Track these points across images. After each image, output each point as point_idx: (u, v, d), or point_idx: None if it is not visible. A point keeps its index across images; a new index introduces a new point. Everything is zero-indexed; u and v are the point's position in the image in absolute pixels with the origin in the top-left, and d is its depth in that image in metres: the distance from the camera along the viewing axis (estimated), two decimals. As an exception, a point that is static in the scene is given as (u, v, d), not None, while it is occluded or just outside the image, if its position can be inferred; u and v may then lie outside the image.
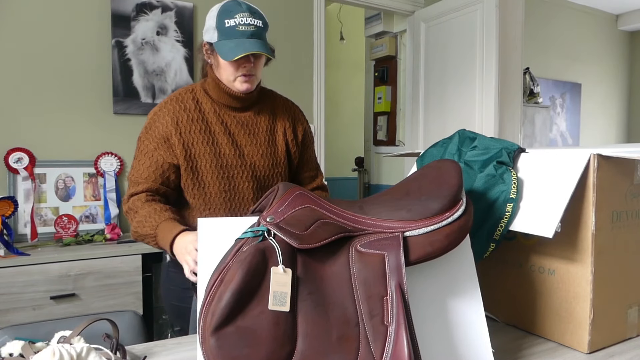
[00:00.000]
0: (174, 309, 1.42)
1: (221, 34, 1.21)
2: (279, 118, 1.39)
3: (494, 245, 0.93)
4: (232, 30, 1.19)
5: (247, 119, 1.34)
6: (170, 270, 1.41)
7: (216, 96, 1.31)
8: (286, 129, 1.39)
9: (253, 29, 1.20)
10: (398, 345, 0.62)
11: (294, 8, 3.07)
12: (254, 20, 1.21)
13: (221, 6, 1.23)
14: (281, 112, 1.40)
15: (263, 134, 1.35)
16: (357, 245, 0.71)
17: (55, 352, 0.69)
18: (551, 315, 0.94)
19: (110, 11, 2.47)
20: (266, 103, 1.39)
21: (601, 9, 5.16)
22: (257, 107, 1.36)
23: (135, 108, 2.55)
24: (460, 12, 3.14)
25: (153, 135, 1.28)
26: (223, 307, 0.63)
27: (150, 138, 1.28)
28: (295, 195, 0.77)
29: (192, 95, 1.32)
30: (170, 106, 1.29)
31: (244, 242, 0.70)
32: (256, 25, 1.21)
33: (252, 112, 1.35)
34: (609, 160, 0.88)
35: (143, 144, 1.30)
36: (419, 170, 0.90)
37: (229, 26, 1.20)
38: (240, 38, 1.19)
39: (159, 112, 1.30)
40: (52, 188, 2.35)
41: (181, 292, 1.37)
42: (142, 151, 1.29)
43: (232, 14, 1.20)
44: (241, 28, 1.19)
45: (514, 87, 3.04)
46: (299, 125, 1.43)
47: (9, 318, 1.85)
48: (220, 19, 1.21)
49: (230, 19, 1.20)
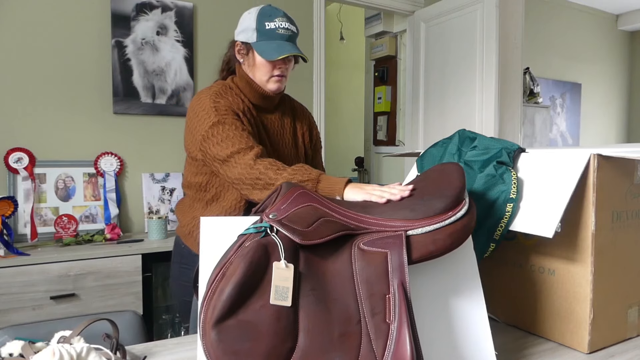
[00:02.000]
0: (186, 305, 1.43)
1: (261, 35, 1.29)
2: (298, 121, 1.48)
3: (494, 245, 0.93)
4: (273, 32, 1.28)
5: (274, 120, 1.41)
6: (182, 266, 1.42)
7: (249, 95, 1.36)
8: (304, 132, 1.49)
9: (290, 34, 1.30)
10: (400, 343, 0.62)
11: (294, 8, 3.07)
12: (291, 26, 1.32)
13: (260, 9, 1.31)
14: (299, 116, 1.50)
15: (288, 136, 1.43)
16: (360, 244, 0.71)
17: (55, 352, 0.69)
18: (551, 315, 0.94)
19: (110, 11, 2.47)
20: (287, 107, 1.47)
21: (601, 9, 5.16)
22: (280, 110, 1.44)
23: (135, 108, 2.55)
24: (460, 12, 3.14)
25: (229, 115, 1.24)
26: (224, 300, 0.63)
27: (229, 117, 1.23)
28: (298, 193, 0.77)
29: (234, 92, 1.35)
30: (225, 97, 1.29)
31: (246, 238, 0.70)
32: (292, 30, 1.32)
33: (278, 114, 1.43)
34: (609, 160, 0.88)
35: (225, 124, 1.22)
36: (421, 174, 0.90)
37: (270, 28, 1.28)
38: (280, 40, 1.29)
39: (218, 99, 1.27)
40: (52, 188, 2.35)
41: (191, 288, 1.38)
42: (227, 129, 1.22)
43: (271, 18, 1.29)
44: (281, 31, 1.29)
45: (514, 87, 3.04)
46: (314, 129, 1.54)
47: (9, 318, 1.85)
48: (260, 21, 1.29)
49: (270, 22, 1.29)
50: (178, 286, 1.46)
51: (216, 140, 1.22)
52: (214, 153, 1.23)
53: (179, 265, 1.44)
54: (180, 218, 1.45)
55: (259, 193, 1.16)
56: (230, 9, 2.83)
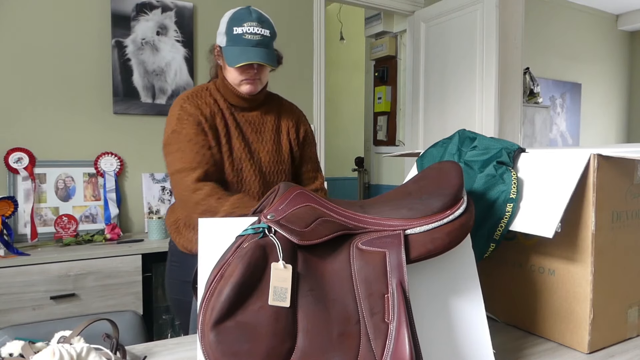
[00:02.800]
0: (175, 302, 1.47)
1: (229, 40, 1.29)
2: (284, 119, 1.47)
3: (494, 245, 0.93)
4: (239, 38, 1.27)
5: (254, 118, 1.41)
6: (172, 264, 1.44)
7: (227, 95, 1.38)
8: (290, 128, 1.47)
9: (259, 38, 1.28)
10: (399, 343, 0.62)
11: (294, 8, 3.07)
12: (262, 29, 1.28)
13: (233, 13, 1.31)
14: (286, 113, 1.48)
15: (269, 133, 1.42)
16: (358, 243, 0.71)
17: (55, 352, 0.69)
18: (551, 315, 0.94)
19: (110, 11, 2.47)
20: (272, 105, 1.47)
21: (601, 9, 5.16)
22: (264, 108, 1.44)
23: (135, 108, 2.55)
24: (460, 12, 3.14)
25: (189, 123, 1.31)
26: (223, 301, 0.63)
27: (187, 126, 1.31)
28: (296, 194, 0.77)
29: (209, 93, 1.39)
30: (193, 100, 1.35)
31: (244, 239, 0.70)
32: (263, 34, 1.28)
33: (260, 112, 1.43)
34: (609, 160, 0.88)
35: (181, 134, 1.30)
36: (419, 173, 0.90)
37: (237, 34, 1.27)
38: (246, 46, 1.27)
39: (184, 104, 1.34)
40: (52, 188, 2.35)
41: (181, 285, 1.41)
42: (181, 140, 1.30)
43: (241, 22, 1.27)
44: (248, 37, 1.27)
45: (514, 87, 3.04)
46: (302, 125, 1.51)
47: (9, 318, 1.85)
48: (229, 26, 1.29)
49: (238, 27, 1.27)
50: (167, 283, 1.50)
51: (170, 150, 1.31)
52: (166, 163, 1.33)
53: (170, 262, 1.48)
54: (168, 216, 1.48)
55: (197, 217, 1.22)
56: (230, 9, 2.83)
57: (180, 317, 1.48)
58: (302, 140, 1.50)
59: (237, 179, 1.35)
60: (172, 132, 1.32)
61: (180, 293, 1.43)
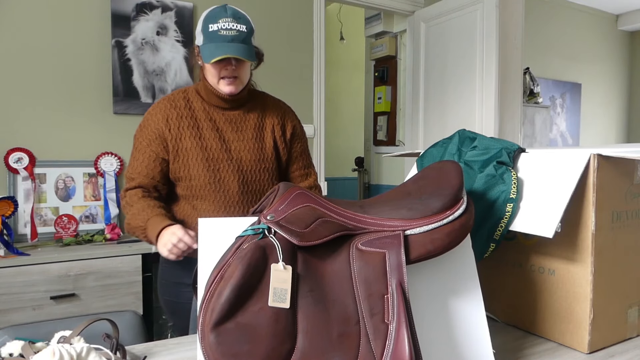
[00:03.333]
0: (167, 304, 1.46)
1: (205, 38, 1.28)
2: (268, 116, 1.44)
3: (494, 245, 0.93)
4: (214, 34, 1.26)
5: (235, 116, 1.40)
6: (164, 266, 1.44)
7: (206, 96, 1.38)
8: (275, 125, 1.44)
9: (235, 34, 1.26)
10: (399, 343, 0.62)
11: (294, 8, 3.07)
12: (237, 25, 1.27)
13: (208, 12, 1.30)
14: (271, 110, 1.46)
15: (251, 130, 1.40)
16: (358, 244, 0.71)
17: (55, 352, 0.69)
18: (551, 315, 0.94)
19: (110, 11, 2.47)
20: (256, 102, 1.45)
21: (601, 9, 5.16)
22: (246, 107, 1.43)
23: (135, 108, 2.55)
24: (460, 12, 3.14)
25: (146, 132, 1.35)
26: (223, 302, 0.63)
27: (143, 135, 1.36)
28: (296, 194, 0.77)
29: (184, 95, 1.40)
30: (162, 105, 1.38)
31: (244, 240, 0.70)
32: (239, 30, 1.27)
33: (242, 110, 1.42)
34: (609, 160, 0.88)
35: (137, 141, 1.37)
36: (419, 173, 0.90)
37: (212, 30, 1.26)
38: (222, 42, 1.25)
39: (152, 110, 1.38)
40: (52, 188, 2.35)
41: (173, 287, 1.40)
42: (136, 148, 1.36)
43: (215, 19, 1.26)
44: (223, 32, 1.25)
45: (514, 87, 3.04)
46: (289, 122, 1.48)
47: (9, 318, 1.85)
48: (205, 24, 1.28)
49: (213, 24, 1.26)
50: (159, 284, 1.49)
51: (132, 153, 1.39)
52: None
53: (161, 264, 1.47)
54: None
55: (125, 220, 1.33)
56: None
57: (173, 319, 1.47)
58: (289, 136, 1.46)
59: (213, 179, 1.33)
60: (134, 136, 1.39)
61: (171, 294, 1.42)
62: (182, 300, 1.38)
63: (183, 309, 1.36)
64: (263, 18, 2.91)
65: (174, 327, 1.49)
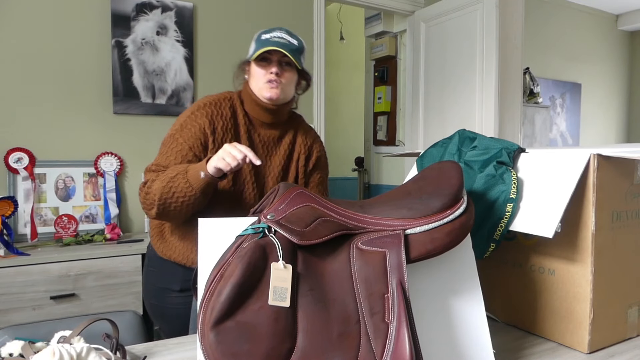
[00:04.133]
0: (152, 307, 1.44)
1: (256, 45, 1.30)
2: (298, 143, 1.44)
3: (494, 245, 0.93)
4: (267, 40, 1.29)
5: (270, 140, 1.39)
6: (149, 269, 1.43)
7: (249, 108, 1.36)
8: (300, 154, 1.43)
9: (286, 42, 1.29)
10: (399, 343, 0.62)
11: (294, 8, 3.07)
12: (291, 38, 1.30)
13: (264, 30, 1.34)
14: (301, 138, 1.45)
15: (280, 157, 1.40)
16: (358, 243, 0.71)
17: (55, 352, 0.69)
18: (551, 315, 0.94)
19: (110, 11, 2.47)
20: (292, 127, 1.44)
21: (601, 9, 5.16)
22: (283, 128, 1.41)
23: (135, 108, 2.55)
24: (460, 12, 3.14)
25: (189, 134, 1.28)
26: (223, 301, 0.63)
27: (185, 137, 1.28)
28: (296, 194, 0.77)
29: (230, 103, 1.35)
30: (208, 109, 1.31)
31: (244, 239, 0.70)
32: (291, 42, 1.29)
33: (279, 131, 1.40)
34: (609, 160, 0.88)
35: (177, 141, 1.28)
36: (419, 173, 0.90)
37: (264, 38, 1.30)
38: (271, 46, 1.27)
39: (197, 112, 1.30)
40: (52, 188, 2.35)
41: (157, 291, 1.39)
42: (173, 148, 1.28)
43: (270, 31, 1.31)
44: (274, 39, 1.28)
45: (514, 87, 3.04)
46: (314, 152, 1.47)
47: (9, 318, 1.85)
48: (258, 36, 1.32)
49: (266, 34, 1.30)
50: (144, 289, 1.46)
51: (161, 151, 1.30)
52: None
53: (147, 267, 1.45)
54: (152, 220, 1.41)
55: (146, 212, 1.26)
56: (230, 9, 2.83)
57: (160, 322, 1.45)
58: (311, 167, 1.46)
59: (234, 193, 1.31)
60: (170, 135, 1.30)
61: (156, 298, 1.40)
62: (167, 304, 1.36)
63: (168, 314, 1.36)
64: (263, 18, 2.91)
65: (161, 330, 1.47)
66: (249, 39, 1.39)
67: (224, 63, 2.80)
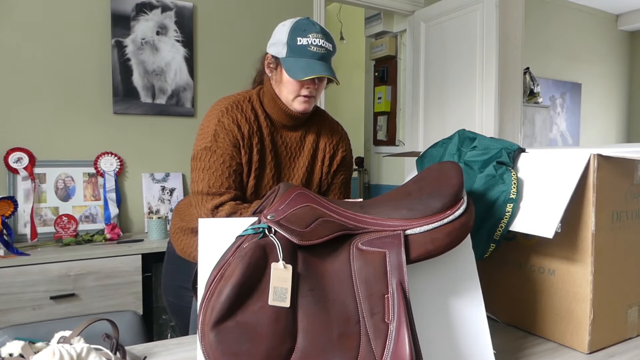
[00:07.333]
0: (170, 304, 1.48)
1: (291, 51, 1.19)
2: (322, 141, 1.38)
3: (494, 245, 0.93)
4: (304, 49, 1.18)
5: (293, 141, 1.33)
6: (169, 267, 1.44)
7: (271, 111, 1.29)
8: (326, 153, 1.38)
9: (324, 52, 1.19)
10: (399, 343, 0.62)
11: (294, 8, 3.07)
12: (326, 43, 1.20)
13: (295, 22, 1.21)
14: (326, 135, 1.39)
15: (304, 159, 1.34)
16: (358, 243, 0.71)
17: (55, 352, 0.69)
18: (551, 316, 0.94)
19: (110, 11, 2.47)
20: (315, 124, 1.37)
21: (601, 9, 5.16)
22: (305, 128, 1.35)
23: (135, 108, 2.55)
24: (460, 12, 3.14)
25: (226, 143, 1.22)
26: (223, 301, 0.63)
27: (224, 147, 1.22)
28: (296, 194, 0.77)
29: (251, 105, 1.28)
30: (233, 114, 1.25)
31: (244, 239, 0.70)
32: (327, 48, 1.20)
33: (301, 132, 1.34)
34: (609, 160, 0.88)
35: (216, 153, 1.22)
36: (419, 173, 0.90)
37: (301, 44, 1.18)
38: (311, 59, 1.18)
39: (223, 119, 1.24)
40: (52, 188, 2.35)
41: (177, 289, 1.41)
42: (215, 162, 1.21)
43: (305, 33, 1.18)
44: (312, 49, 1.18)
45: (514, 87, 3.04)
46: (340, 151, 1.41)
47: (9, 318, 1.85)
48: (292, 36, 1.19)
49: (303, 38, 1.18)
50: (164, 285, 1.48)
51: (199, 166, 1.22)
52: (192, 178, 1.24)
53: (166, 264, 1.47)
54: (173, 217, 1.46)
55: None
56: (230, 9, 2.83)
57: (176, 319, 1.47)
58: (335, 167, 1.40)
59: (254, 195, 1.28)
60: (204, 147, 1.22)
61: (176, 297, 1.42)
62: (183, 302, 1.39)
63: (184, 310, 1.37)
64: (263, 18, 2.91)
65: (176, 327, 1.50)
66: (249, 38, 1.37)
67: (224, 63, 2.80)
